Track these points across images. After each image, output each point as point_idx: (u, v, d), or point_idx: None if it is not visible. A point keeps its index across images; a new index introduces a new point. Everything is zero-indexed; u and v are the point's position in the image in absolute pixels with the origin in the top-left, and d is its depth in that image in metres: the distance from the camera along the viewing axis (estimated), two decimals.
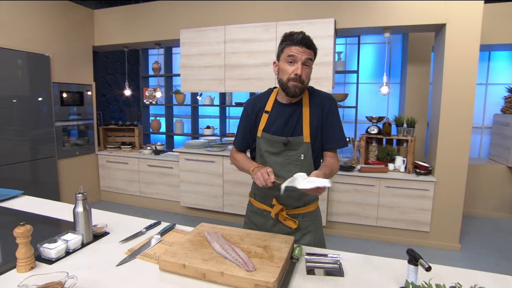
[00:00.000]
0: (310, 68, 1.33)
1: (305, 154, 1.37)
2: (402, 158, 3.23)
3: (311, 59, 1.31)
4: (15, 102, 3.31)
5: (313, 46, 1.31)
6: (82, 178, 4.20)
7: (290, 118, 1.39)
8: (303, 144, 1.37)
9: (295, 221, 1.40)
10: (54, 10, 3.71)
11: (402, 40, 4.18)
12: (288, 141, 1.36)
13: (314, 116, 1.37)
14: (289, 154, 1.38)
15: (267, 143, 1.41)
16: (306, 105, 1.38)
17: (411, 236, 3.19)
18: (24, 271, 1.08)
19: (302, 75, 1.29)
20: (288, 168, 1.39)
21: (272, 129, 1.40)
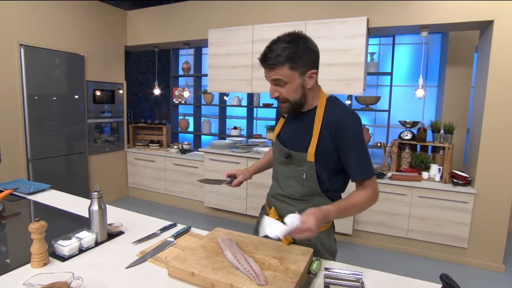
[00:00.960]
0: (289, 85, 1.13)
1: (308, 174, 1.21)
2: (438, 167, 2.99)
3: (279, 78, 1.11)
4: (55, 99, 3.48)
5: (276, 64, 1.09)
6: (111, 174, 4.33)
7: (299, 128, 1.25)
8: (305, 163, 1.21)
9: (287, 237, 1.19)
10: (90, 12, 3.86)
11: (442, 40, 3.90)
12: (289, 154, 1.25)
13: (325, 135, 1.17)
14: (295, 168, 1.26)
15: (276, 149, 1.34)
16: (319, 118, 1.18)
17: (446, 251, 2.95)
18: (38, 266, 1.08)
19: (280, 96, 1.15)
20: (290, 183, 1.28)
21: (282, 136, 1.32)
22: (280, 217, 1.27)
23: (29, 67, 3.18)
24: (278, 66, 1.09)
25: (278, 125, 1.35)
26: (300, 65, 1.11)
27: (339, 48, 3.05)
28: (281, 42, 1.10)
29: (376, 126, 4.29)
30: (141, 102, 5.47)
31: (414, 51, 4.05)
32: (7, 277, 1.02)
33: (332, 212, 1.08)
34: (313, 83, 1.17)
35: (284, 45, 1.09)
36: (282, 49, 1.08)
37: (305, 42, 1.13)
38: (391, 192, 3.01)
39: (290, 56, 1.09)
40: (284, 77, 1.11)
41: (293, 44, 1.09)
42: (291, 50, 1.09)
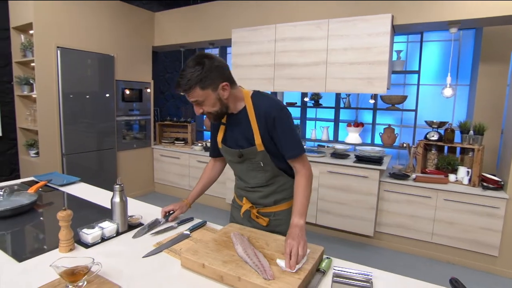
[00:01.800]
0: (207, 101, 1.25)
1: (264, 161, 1.37)
2: (466, 169, 2.86)
3: (196, 100, 1.24)
4: (87, 98, 3.69)
5: (189, 88, 1.20)
6: (138, 169, 4.52)
7: (239, 128, 1.37)
8: (258, 153, 1.35)
9: (265, 219, 1.44)
10: (120, 14, 4.05)
11: (475, 36, 3.70)
12: (241, 154, 1.38)
13: (261, 125, 1.32)
14: (250, 162, 1.40)
15: (227, 154, 1.45)
16: (251, 113, 1.33)
17: (474, 258, 2.81)
18: (65, 251, 1.18)
19: (203, 111, 1.28)
20: (252, 174, 1.42)
21: (228, 141, 1.43)
22: (253, 204, 1.46)
23: (64, 68, 3.40)
24: (191, 90, 1.21)
25: (220, 132, 1.45)
26: (209, 84, 1.21)
27: (362, 46, 2.99)
28: (188, 68, 1.20)
29: (403, 126, 4.15)
30: (168, 101, 5.65)
31: (444, 48, 3.87)
32: (40, 259, 1.13)
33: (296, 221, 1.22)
34: (228, 94, 1.27)
35: (191, 70, 1.19)
36: (191, 74, 1.19)
37: (210, 61, 1.22)
38: (414, 194, 2.91)
39: (198, 79, 1.19)
40: (199, 97, 1.23)
41: (198, 67, 1.19)
42: (198, 73, 1.19)
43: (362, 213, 3.11)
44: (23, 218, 1.51)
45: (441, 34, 3.82)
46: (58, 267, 0.93)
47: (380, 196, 3.08)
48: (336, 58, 3.14)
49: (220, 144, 1.46)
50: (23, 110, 3.55)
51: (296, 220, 1.23)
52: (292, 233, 1.15)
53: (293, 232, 1.15)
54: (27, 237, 1.38)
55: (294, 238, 1.11)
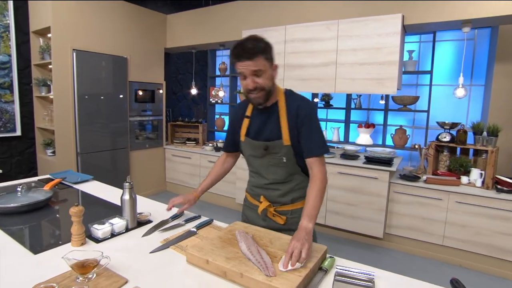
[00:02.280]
0: (265, 74, 1.27)
1: (287, 157, 1.38)
2: (480, 171, 2.79)
3: (259, 69, 1.25)
4: (101, 99, 3.80)
5: (255, 54, 1.22)
6: (150, 169, 4.61)
7: (268, 121, 1.39)
8: (283, 147, 1.36)
9: (282, 217, 1.43)
10: (133, 17, 4.14)
11: (490, 35, 3.62)
12: (267, 146, 1.39)
13: (290, 119, 1.35)
14: (272, 157, 1.40)
15: (249, 147, 1.45)
16: (282, 108, 1.36)
17: (488, 263, 2.74)
18: (76, 245, 1.23)
19: (258, 84, 1.27)
20: (271, 170, 1.42)
21: (252, 134, 1.44)
22: (271, 203, 1.45)
23: (79, 70, 3.51)
24: (256, 56, 1.23)
25: (243, 125, 1.46)
26: (270, 57, 1.29)
27: (372, 46, 2.97)
28: (250, 41, 1.25)
29: (415, 128, 4.09)
30: (180, 101, 5.73)
31: (458, 48, 3.80)
32: (54, 252, 1.19)
33: (305, 223, 1.21)
34: (276, 75, 1.35)
35: (254, 41, 1.24)
36: (255, 43, 1.24)
37: (266, 40, 1.30)
38: (425, 196, 2.87)
39: (264, 48, 1.25)
40: (263, 66, 1.25)
41: (262, 40, 1.27)
42: (263, 43, 1.26)
43: (371, 214, 3.09)
44: (39, 213, 1.58)
45: (455, 33, 3.75)
46: (69, 259, 0.97)
47: (390, 198, 3.04)
48: (345, 59, 3.13)
49: (243, 137, 1.46)
50: (41, 110, 3.68)
51: (305, 223, 1.21)
52: (298, 235, 1.14)
53: (299, 235, 1.14)
54: (42, 232, 1.44)
55: (299, 240, 1.10)
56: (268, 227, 1.42)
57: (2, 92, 3.36)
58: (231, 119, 1.57)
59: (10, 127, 3.45)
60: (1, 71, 3.34)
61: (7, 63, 3.37)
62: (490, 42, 3.64)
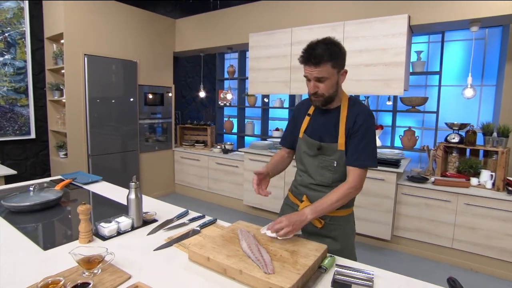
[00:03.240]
0: (329, 81, 1.28)
1: (339, 161, 1.37)
2: (490, 173, 2.74)
3: (323, 76, 1.26)
4: (112, 102, 3.90)
5: (322, 61, 1.23)
6: (159, 171, 4.68)
7: (327, 123, 1.40)
8: (337, 151, 1.37)
9: (321, 221, 1.41)
10: (143, 22, 4.24)
11: (502, 34, 3.55)
12: (320, 146, 1.39)
13: (348, 126, 1.35)
14: (324, 159, 1.41)
15: (305, 144, 1.46)
16: (343, 113, 1.37)
17: (500, 267, 2.68)
18: (84, 242, 1.27)
19: (319, 91, 1.30)
20: (321, 172, 1.42)
21: (310, 132, 1.45)
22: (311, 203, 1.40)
23: (90, 74, 3.61)
24: (323, 63, 1.24)
25: (304, 122, 1.48)
26: (338, 64, 1.28)
27: (378, 47, 2.96)
28: (321, 44, 1.25)
29: (424, 129, 4.04)
30: (189, 104, 5.81)
31: (468, 48, 3.74)
32: (62, 248, 1.24)
33: (306, 212, 1.25)
34: (343, 81, 1.36)
35: (325, 46, 1.24)
36: (325, 49, 1.23)
37: (340, 45, 1.30)
38: (433, 198, 2.83)
39: (333, 55, 1.25)
40: (327, 73, 1.26)
41: (333, 45, 1.26)
42: (333, 50, 1.25)
43: (379, 216, 3.06)
44: (50, 212, 1.64)
45: (464, 33, 3.70)
46: (76, 254, 1.01)
47: (398, 200, 3.02)
48: (351, 60, 3.12)
49: (301, 133, 1.47)
50: (54, 114, 3.79)
51: (307, 211, 1.25)
52: (292, 217, 1.22)
53: (293, 217, 1.22)
54: (52, 229, 1.49)
55: (289, 220, 1.19)
56: (305, 228, 1.38)
57: (18, 96, 3.48)
58: (294, 114, 1.57)
59: (25, 130, 3.57)
60: (17, 76, 3.47)
61: (23, 68, 3.50)
62: (501, 41, 3.57)
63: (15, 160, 3.54)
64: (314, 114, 1.46)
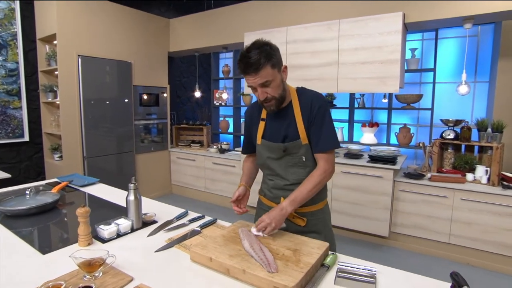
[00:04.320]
0: (274, 82, 1.26)
1: (306, 155, 1.38)
2: (485, 168, 2.78)
3: (266, 80, 1.23)
4: (107, 103, 3.86)
5: (260, 67, 1.20)
6: (155, 172, 4.65)
7: (284, 122, 1.38)
8: (302, 146, 1.36)
9: (303, 219, 1.41)
10: (137, 22, 4.21)
11: (494, 31, 3.59)
12: (286, 148, 1.38)
13: (305, 116, 1.35)
14: (291, 158, 1.40)
15: (267, 149, 1.43)
16: (296, 107, 1.36)
17: (497, 260, 2.72)
18: (83, 245, 1.26)
19: (268, 95, 1.28)
20: (291, 171, 1.41)
21: (269, 136, 1.42)
22: None
23: (85, 75, 3.57)
24: (262, 68, 1.21)
25: (259, 128, 1.45)
26: (276, 62, 1.25)
27: (374, 45, 2.98)
28: (253, 49, 1.21)
29: (419, 126, 4.07)
30: (184, 104, 5.78)
31: (461, 45, 3.78)
32: (61, 252, 1.22)
33: (285, 205, 1.28)
34: (287, 77, 1.34)
35: (257, 50, 1.20)
36: (259, 53, 1.20)
37: (270, 43, 1.27)
38: (430, 194, 2.86)
39: (268, 56, 1.21)
40: (269, 76, 1.23)
41: (264, 46, 1.23)
42: (267, 51, 1.22)
43: (376, 213, 3.08)
44: (47, 215, 1.62)
45: (457, 30, 3.74)
46: (77, 258, 1.00)
47: (395, 196, 3.04)
48: (347, 59, 3.14)
49: (259, 140, 1.45)
50: (48, 116, 3.75)
51: (285, 204, 1.28)
52: (272, 213, 1.25)
53: (272, 213, 1.26)
54: (50, 233, 1.47)
55: (269, 217, 1.23)
56: (288, 229, 1.39)
57: (10, 98, 3.43)
58: (246, 121, 1.55)
59: (18, 133, 3.52)
60: (10, 78, 3.41)
61: (15, 70, 3.45)
62: (493, 38, 3.61)
63: (9, 163, 3.49)
64: (268, 117, 1.43)
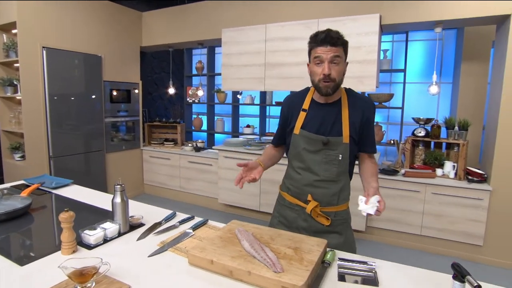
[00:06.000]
0: (341, 65, 1.30)
1: (343, 155, 1.37)
2: (452, 164, 2.97)
3: (338, 56, 1.27)
4: (74, 99, 3.61)
5: (338, 42, 1.27)
6: (127, 171, 4.45)
7: (327, 117, 1.38)
8: (342, 145, 1.36)
9: (327, 218, 1.40)
10: (107, 14, 3.98)
11: (457, 36, 3.84)
12: (328, 141, 1.36)
13: (354, 118, 1.37)
14: (328, 153, 1.38)
15: (305, 141, 1.40)
16: (345, 106, 1.38)
17: (461, 249, 2.93)
18: (67, 253, 1.16)
19: (332, 74, 1.28)
20: (325, 167, 1.39)
21: (309, 127, 1.40)
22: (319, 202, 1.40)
23: (50, 69, 3.31)
24: (339, 44, 1.27)
25: (299, 117, 1.42)
26: (347, 51, 1.33)
27: (352, 45, 2.99)
28: (333, 31, 1.28)
29: (390, 124, 4.26)
30: (156, 101, 5.58)
31: (428, 47, 4.00)
32: (42, 262, 1.12)
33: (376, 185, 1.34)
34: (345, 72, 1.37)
35: (337, 33, 1.29)
36: (339, 35, 1.28)
37: None
38: (404, 189, 3.00)
39: (345, 42, 1.31)
40: (341, 55, 1.29)
41: (342, 35, 1.31)
42: (343, 38, 1.30)
43: (354, 209, 3.15)
44: (18, 222, 1.47)
45: (425, 33, 3.95)
46: (67, 267, 0.92)
47: None
48: None
49: (298, 130, 1.41)
50: (6, 112, 3.44)
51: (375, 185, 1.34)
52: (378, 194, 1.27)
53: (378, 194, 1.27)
54: (25, 241, 1.34)
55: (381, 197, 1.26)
56: (310, 228, 1.41)
57: None
58: (283, 110, 1.51)
59: None
60: None
61: None
62: (456, 42, 3.86)
63: None
64: (311, 108, 1.41)
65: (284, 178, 1.56)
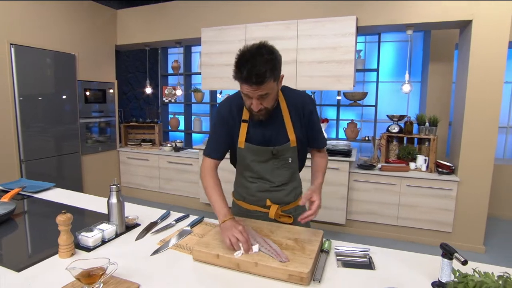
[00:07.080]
0: (271, 94, 1.19)
1: (293, 158, 1.39)
2: (424, 157, 3.18)
3: (267, 93, 1.15)
4: (46, 99, 3.44)
5: (264, 81, 1.10)
6: (104, 173, 4.31)
7: (270, 125, 1.33)
8: (290, 149, 1.36)
9: (290, 216, 1.42)
10: (80, 11, 3.83)
11: (424, 38, 4.10)
12: (277, 151, 1.34)
13: (294, 118, 1.34)
14: (277, 160, 1.37)
15: (252, 153, 1.35)
16: (285, 109, 1.33)
17: (433, 236, 3.14)
18: (66, 256, 1.14)
19: (262, 106, 1.20)
20: (278, 172, 1.39)
21: (254, 140, 1.34)
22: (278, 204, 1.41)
23: (20, 67, 3.14)
24: (265, 82, 1.11)
25: (241, 130, 1.33)
26: (277, 75, 1.18)
27: (330, 46, 3.17)
28: (258, 56, 1.10)
29: (363, 121, 4.46)
30: (131, 101, 5.43)
31: (398, 48, 4.23)
32: (40, 266, 1.09)
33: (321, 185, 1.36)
34: (281, 85, 1.28)
35: (263, 59, 1.10)
36: (265, 63, 1.09)
37: (276, 51, 1.16)
38: (381, 183, 3.17)
39: (273, 69, 1.12)
40: (270, 89, 1.16)
41: (271, 55, 1.12)
42: (273, 63, 1.12)
43: (334, 203, 3.30)
44: (2, 228, 1.41)
45: (395, 35, 4.17)
46: (75, 269, 0.91)
47: (350, 186, 3.29)
48: (305, 57, 3.29)
49: (242, 144, 1.34)
50: None
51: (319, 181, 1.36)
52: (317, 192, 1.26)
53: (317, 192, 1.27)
54: (15, 247, 1.29)
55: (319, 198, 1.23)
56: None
57: None
58: (219, 120, 1.37)
59: None
60: None
61: None
62: (423, 44, 4.12)
63: None
64: (251, 119, 1.32)
65: (236, 187, 1.52)
